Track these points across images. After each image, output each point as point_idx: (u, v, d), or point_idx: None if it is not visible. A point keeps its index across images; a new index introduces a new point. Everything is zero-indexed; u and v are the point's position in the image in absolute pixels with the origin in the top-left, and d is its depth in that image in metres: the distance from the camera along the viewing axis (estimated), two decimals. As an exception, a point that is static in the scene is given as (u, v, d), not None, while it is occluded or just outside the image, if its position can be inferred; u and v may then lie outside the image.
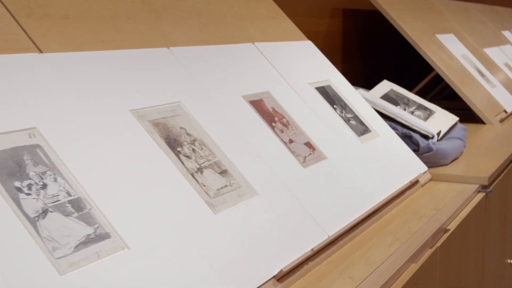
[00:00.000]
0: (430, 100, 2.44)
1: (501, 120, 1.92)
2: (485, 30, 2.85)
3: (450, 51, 2.12)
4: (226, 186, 0.81)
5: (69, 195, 0.63)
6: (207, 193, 0.78)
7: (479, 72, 2.18)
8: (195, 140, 0.84)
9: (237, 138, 0.90)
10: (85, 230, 0.61)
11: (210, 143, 0.85)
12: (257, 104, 1.01)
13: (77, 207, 0.62)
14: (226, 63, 1.03)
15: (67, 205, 0.62)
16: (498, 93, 2.14)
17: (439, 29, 2.24)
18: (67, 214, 0.61)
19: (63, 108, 0.71)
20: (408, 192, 1.16)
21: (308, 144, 1.03)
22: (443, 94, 2.46)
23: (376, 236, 0.96)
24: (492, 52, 2.55)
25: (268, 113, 1.01)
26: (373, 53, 2.44)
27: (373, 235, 0.96)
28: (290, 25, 1.34)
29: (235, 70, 1.04)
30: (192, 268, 0.68)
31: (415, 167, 1.25)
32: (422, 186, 1.24)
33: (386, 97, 1.51)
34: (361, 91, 1.44)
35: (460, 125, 1.53)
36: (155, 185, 0.72)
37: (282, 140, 0.98)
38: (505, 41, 2.94)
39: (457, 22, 2.55)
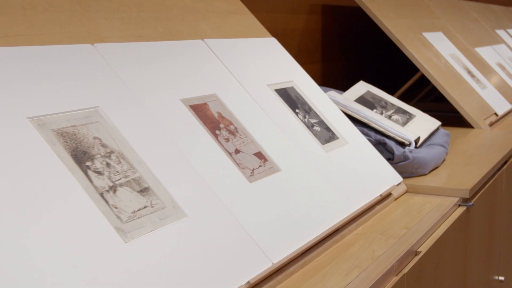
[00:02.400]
0: (419, 102, 2.33)
1: (491, 124, 1.79)
2: (478, 28, 2.72)
3: (437, 50, 1.99)
4: (145, 207, 0.68)
5: None
6: (118, 217, 0.65)
7: (469, 72, 2.05)
8: (111, 152, 0.71)
9: (168, 149, 0.77)
10: None
11: (132, 156, 0.73)
12: (200, 109, 0.88)
13: None
14: (164, 62, 0.91)
15: None
16: (489, 94, 2.01)
17: (427, 27, 2.12)
18: None
19: None
20: (378, 207, 1.04)
21: (259, 155, 0.90)
22: (433, 96, 2.33)
23: (333, 261, 0.83)
24: (484, 52, 2.42)
25: (212, 119, 0.89)
26: (355, 52, 2.31)
27: (329, 260, 0.83)
28: (251, 21, 1.21)
29: (175, 70, 0.91)
30: (83, 314, 0.55)
31: (388, 178, 1.12)
32: (396, 199, 1.11)
33: (362, 99, 1.38)
34: (333, 93, 1.31)
35: (442, 130, 1.40)
36: (48, 209, 0.60)
37: (226, 150, 0.85)
38: (499, 40, 2.81)
39: (447, 19, 2.42)
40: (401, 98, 2.09)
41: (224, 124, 0.89)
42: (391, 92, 2.02)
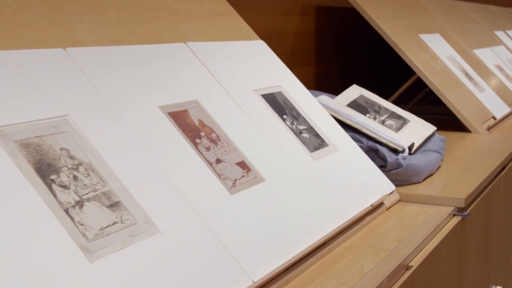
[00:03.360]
0: (416, 104, 2.29)
1: (489, 128, 1.74)
2: (476, 30, 2.67)
3: (434, 52, 1.95)
4: (114, 223, 0.64)
5: None
6: (84, 235, 0.61)
7: (467, 74, 2.01)
8: (79, 164, 0.67)
9: (143, 160, 0.73)
10: None
11: (102, 168, 0.68)
12: (179, 117, 0.84)
13: None
14: (143, 67, 0.86)
15: None
16: (487, 97, 1.97)
17: (424, 28, 2.07)
18: None
19: None
20: (368, 218, 0.99)
21: (242, 164, 0.85)
22: (431, 98, 2.28)
23: (318, 277, 0.79)
24: (483, 53, 2.38)
25: (193, 127, 0.84)
26: (350, 54, 2.26)
27: (315, 276, 0.79)
28: (239, 23, 1.16)
29: (154, 75, 0.86)
30: None
31: (380, 187, 1.08)
32: (388, 209, 1.06)
33: (355, 104, 1.33)
34: (325, 97, 1.27)
35: (438, 136, 1.36)
36: (5, 227, 0.55)
37: (207, 160, 0.81)
38: (498, 42, 2.77)
39: (444, 21, 2.37)
40: (397, 101, 2.05)
41: (205, 132, 0.85)
42: (388, 95, 1.97)
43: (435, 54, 1.93)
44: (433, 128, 1.36)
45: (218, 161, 0.82)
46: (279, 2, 1.77)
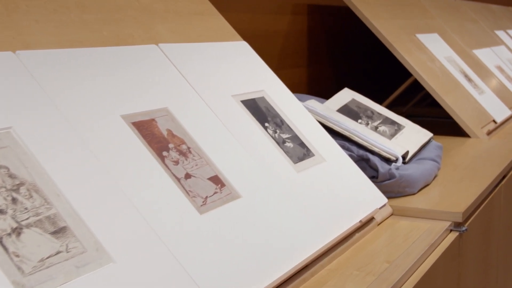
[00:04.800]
0: (414, 106, 2.20)
1: (489, 133, 1.66)
2: (476, 29, 2.59)
3: (432, 52, 1.86)
4: (58, 252, 0.56)
5: None
6: (19, 268, 0.52)
7: (466, 76, 1.92)
8: (21, 184, 0.58)
9: (97, 177, 0.65)
10: None
11: (48, 188, 0.60)
12: (145, 127, 0.76)
13: None
14: (105, 72, 0.78)
15: None
16: (487, 100, 1.88)
17: (422, 28, 1.99)
18: None
19: None
20: (357, 235, 0.91)
21: (215, 179, 0.77)
22: (429, 100, 2.20)
23: (298, 307, 0.71)
24: (483, 54, 2.29)
25: (160, 138, 0.76)
26: (343, 55, 2.18)
27: (294, 306, 0.71)
28: (219, 22, 1.08)
29: (118, 81, 0.78)
30: None
31: (371, 200, 0.99)
32: (379, 224, 0.98)
33: (346, 109, 1.25)
34: (314, 102, 1.18)
35: (434, 143, 1.28)
36: None
37: (174, 175, 0.73)
38: (498, 42, 2.68)
39: (443, 20, 2.29)
40: (394, 102, 1.97)
41: (174, 144, 0.77)
42: (384, 97, 1.89)
43: (433, 54, 1.85)
44: (429, 134, 1.28)
45: (188, 176, 0.74)
46: (268, 0, 1.69)
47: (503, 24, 3.10)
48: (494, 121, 1.79)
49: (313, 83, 1.87)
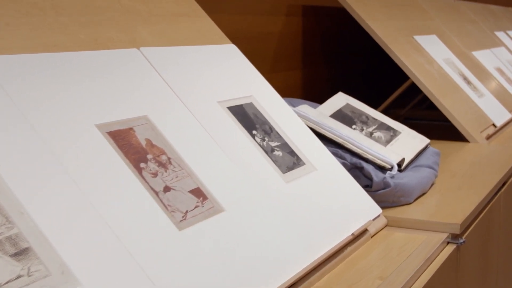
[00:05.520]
0: (412, 109, 2.16)
1: (488, 137, 1.61)
2: (476, 30, 2.54)
3: (430, 54, 1.82)
4: (19, 277, 0.51)
5: None
6: (-27, 296, 0.48)
7: (465, 79, 1.88)
8: (-20, 202, 0.54)
9: (66, 192, 0.60)
10: None
11: (11, 206, 0.55)
12: (121, 136, 0.71)
13: None
14: (80, 78, 0.73)
15: None
16: (487, 103, 1.84)
17: (420, 29, 1.94)
18: None
19: None
20: (349, 249, 0.86)
21: (197, 191, 0.73)
22: (427, 102, 2.16)
23: (283, 330, 0.66)
24: (482, 56, 2.25)
25: (138, 148, 0.71)
26: (339, 57, 2.13)
27: (279, 328, 0.66)
28: (206, 24, 1.04)
29: (95, 87, 0.74)
30: None
31: (364, 211, 0.95)
32: (373, 236, 0.94)
33: (340, 114, 1.21)
34: (306, 107, 1.14)
35: (431, 149, 1.23)
36: None
37: (152, 189, 0.68)
38: (498, 43, 2.64)
39: (442, 21, 2.24)
40: (392, 105, 1.93)
41: (153, 155, 0.72)
42: (381, 100, 1.85)
43: (431, 57, 1.81)
44: (426, 140, 1.23)
45: (167, 189, 0.70)
46: (261, 1, 1.64)
47: (503, 25, 3.06)
48: (493, 125, 1.74)
49: (308, 85, 1.82)
